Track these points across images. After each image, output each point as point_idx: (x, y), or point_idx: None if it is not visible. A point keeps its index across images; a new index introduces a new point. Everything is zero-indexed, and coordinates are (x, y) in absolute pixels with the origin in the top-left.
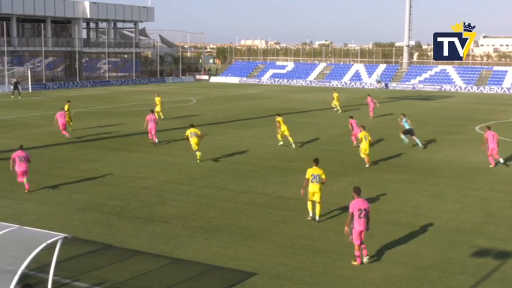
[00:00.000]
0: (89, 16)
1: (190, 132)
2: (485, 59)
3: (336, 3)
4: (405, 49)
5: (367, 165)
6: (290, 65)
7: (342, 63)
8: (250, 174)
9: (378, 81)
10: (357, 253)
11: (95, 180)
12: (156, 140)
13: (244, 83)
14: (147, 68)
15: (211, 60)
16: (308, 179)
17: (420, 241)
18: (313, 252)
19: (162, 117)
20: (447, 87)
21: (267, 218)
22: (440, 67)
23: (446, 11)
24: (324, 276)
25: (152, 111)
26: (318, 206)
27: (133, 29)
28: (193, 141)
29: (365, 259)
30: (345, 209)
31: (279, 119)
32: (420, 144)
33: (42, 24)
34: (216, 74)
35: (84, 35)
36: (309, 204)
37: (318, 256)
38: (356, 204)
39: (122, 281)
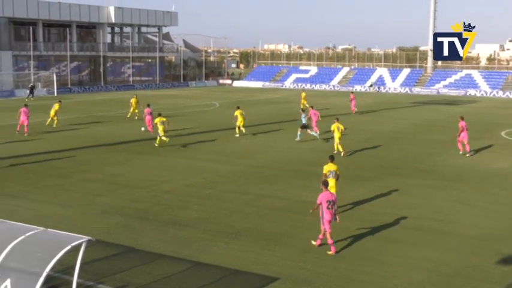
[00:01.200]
0: (113, 21)
1: (160, 120)
2: (511, 63)
3: (360, 7)
4: (429, 53)
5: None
6: (313, 69)
7: (365, 67)
8: (273, 179)
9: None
10: (330, 241)
11: (118, 184)
12: (142, 129)
13: (267, 87)
14: (170, 72)
15: (233, 65)
16: (325, 174)
17: (444, 247)
18: (335, 257)
19: (137, 118)
20: (472, 92)
21: (289, 222)
22: (465, 71)
23: (470, 14)
24: (346, 282)
25: (148, 105)
26: None
27: (157, 34)
28: (162, 128)
29: (329, 252)
30: (369, 214)
31: (236, 112)
32: (317, 136)
33: (67, 29)
34: (239, 79)
35: (109, 40)
36: None
37: (340, 261)
38: (325, 197)
39: (145, 284)
